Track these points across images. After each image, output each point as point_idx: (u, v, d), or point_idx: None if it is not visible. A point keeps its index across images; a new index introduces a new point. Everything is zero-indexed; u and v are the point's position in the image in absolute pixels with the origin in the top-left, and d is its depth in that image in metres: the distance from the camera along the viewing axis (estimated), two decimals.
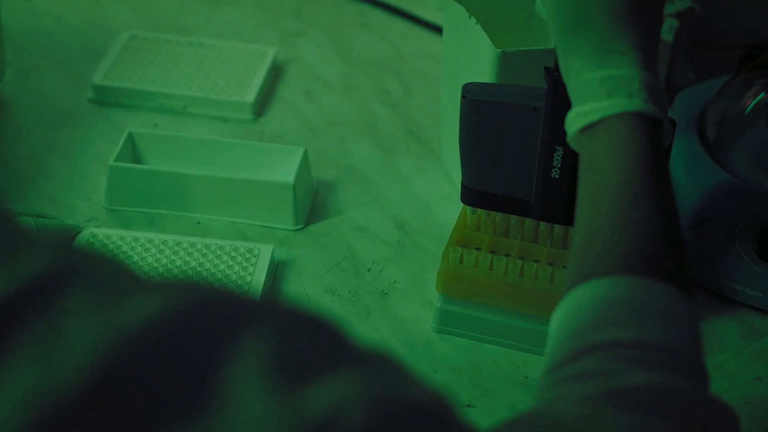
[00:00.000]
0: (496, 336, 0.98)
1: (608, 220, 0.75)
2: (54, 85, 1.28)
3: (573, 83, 0.80)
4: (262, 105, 1.26)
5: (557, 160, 0.93)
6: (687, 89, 1.20)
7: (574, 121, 0.80)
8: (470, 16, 1.03)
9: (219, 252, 1.03)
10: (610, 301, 0.71)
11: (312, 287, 1.03)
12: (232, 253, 1.03)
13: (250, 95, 1.24)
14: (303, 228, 1.10)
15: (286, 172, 1.10)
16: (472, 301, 0.97)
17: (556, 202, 0.96)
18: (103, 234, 1.04)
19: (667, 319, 0.71)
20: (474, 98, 0.95)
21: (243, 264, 1.02)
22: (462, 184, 0.99)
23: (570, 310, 0.72)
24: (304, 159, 1.11)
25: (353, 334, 0.53)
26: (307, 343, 0.50)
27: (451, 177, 1.15)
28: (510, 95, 0.95)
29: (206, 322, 0.48)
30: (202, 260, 1.03)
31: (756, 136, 1.07)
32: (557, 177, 0.94)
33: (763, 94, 1.08)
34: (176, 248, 1.04)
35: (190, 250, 1.04)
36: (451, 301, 0.98)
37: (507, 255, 0.97)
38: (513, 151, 0.96)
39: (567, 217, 0.95)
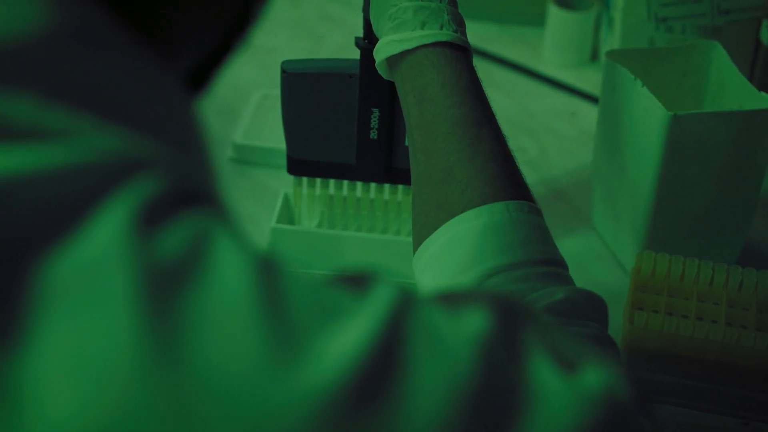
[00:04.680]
0: (677, 396, 0.98)
1: (462, 152, 0.81)
2: None
3: (389, 12, 0.88)
4: None
5: (374, 121, 1.02)
6: None
7: (385, 48, 0.87)
8: (635, 79, 1.04)
9: None
10: (495, 226, 0.78)
11: None
12: None
13: None
14: None
15: None
16: (650, 363, 0.97)
17: (376, 162, 1.04)
18: None
19: (544, 234, 0.80)
20: (294, 72, 1.03)
21: None
22: (287, 156, 1.06)
23: (458, 238, 0.79)
24: None
25: None
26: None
27: (603, 237, 1.16)
28: (326, 66, 1.03)
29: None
30: None
31: None
32: (376, 138, 1.02)
33: None
34: None
35: None
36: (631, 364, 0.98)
37: (685, 317, 0.98)
38: (334, 118, 1.04)
39: (386, 176, 1.05)
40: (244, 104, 1.33)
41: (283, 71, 1.03)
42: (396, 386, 0.45)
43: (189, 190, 0.46)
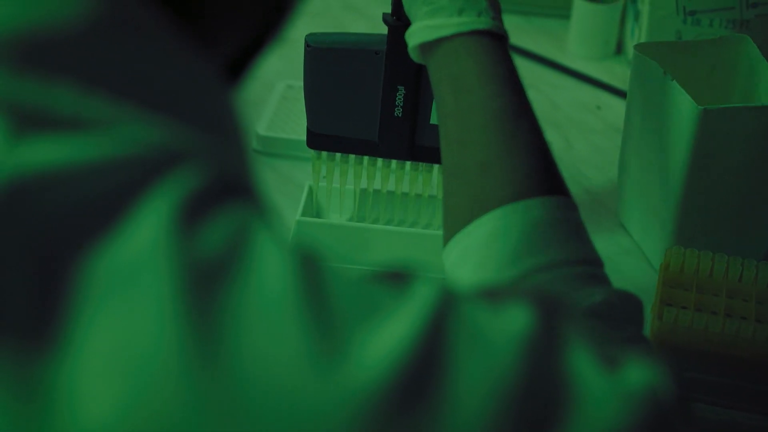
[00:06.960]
0: (706, 393, 0.97)
1: (500, 145, 0.79)
2: None
3: None
4: None
5: (400, 99, 1.01)
6: None
7: (419, 34, 0.85)
8: (665, 73, 1.03)
9: None
10: (533, 223, 0.76)
11: None
12: None
13: None
14: None
15: None
16: (679, 359, 0.97)
17: (399, 140, 1.03)
18: None
19: (581, 231, 0.79)
20: (319, 47, 1.02)
21: None
22: (307, 129, 1.05)
23: (494, 235, 0.77)
24: None
25: None
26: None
27: (630, 231, 1.15)
28: (352, 42, 1.02)
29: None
30: None
31: None
32: (400, 116, 1.02)
33: None
34: None
35: None
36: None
37: (714, 313, 0.97)
38: (357, 95, 1.02)
39: (409, 153, 1.04)
40: (268, 95, 1.32)
41: (306, 45, 1.02)
42: (439, 384, 0.45)
43: (228, 183, 0.46)
